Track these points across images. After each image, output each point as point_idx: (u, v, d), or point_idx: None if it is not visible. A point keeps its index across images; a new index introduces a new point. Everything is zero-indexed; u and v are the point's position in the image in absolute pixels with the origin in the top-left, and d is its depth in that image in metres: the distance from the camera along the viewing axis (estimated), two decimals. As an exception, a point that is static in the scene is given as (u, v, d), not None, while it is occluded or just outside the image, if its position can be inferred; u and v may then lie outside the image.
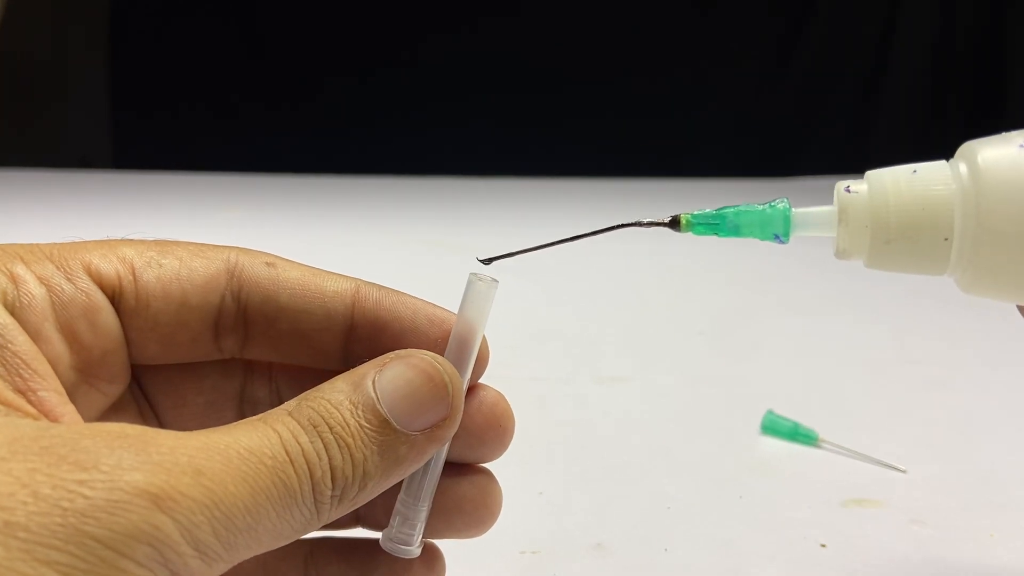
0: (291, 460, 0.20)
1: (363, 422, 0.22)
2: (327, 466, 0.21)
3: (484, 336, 0.26)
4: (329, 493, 0.21)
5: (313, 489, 0.21)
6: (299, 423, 0.21)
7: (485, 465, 0.27)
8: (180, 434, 0.20)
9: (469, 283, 0.25)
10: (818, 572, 0.36)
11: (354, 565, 0.27)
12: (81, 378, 0.24)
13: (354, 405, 0.22)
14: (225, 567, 0.19)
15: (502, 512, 0.39)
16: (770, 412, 0.48)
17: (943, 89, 1.76)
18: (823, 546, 0.37)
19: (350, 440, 0.22)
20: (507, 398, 0.27)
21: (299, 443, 0.21)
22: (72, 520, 0.17)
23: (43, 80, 1.77)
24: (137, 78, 1.82)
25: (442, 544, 0.28)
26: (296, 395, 0.28)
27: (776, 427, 0.48)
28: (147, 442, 0.19)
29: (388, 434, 0.22)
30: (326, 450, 0.21)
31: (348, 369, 0.27)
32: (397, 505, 0.25)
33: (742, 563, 0.36)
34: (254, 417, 0.21)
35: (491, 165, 1.47)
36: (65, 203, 1.18)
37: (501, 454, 0.27)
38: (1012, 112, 1.65)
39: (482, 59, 1.72)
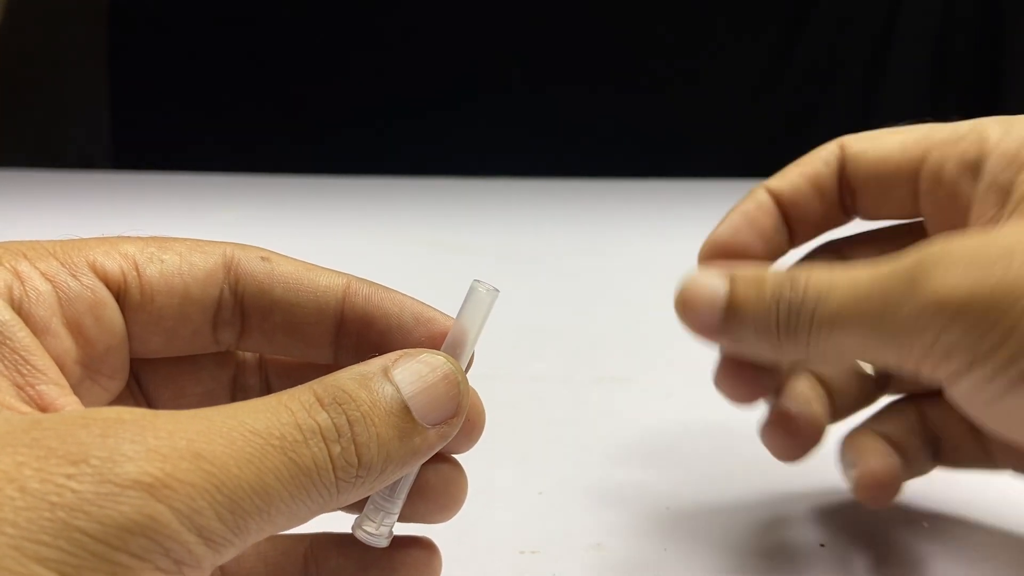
0: (305, 438, 0.20)
1: (386, 405, 0.22)
2: (349, 442, 0.21)
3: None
4: (354, 472, 0.21)
5: (334, 466, 0.21)
6: (320, 401, 0.21)
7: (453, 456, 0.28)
8: (181, 416, 0.19)
9: (471, 289, 0.26)
10: (818, 572, 0.36)
11: (352, 559, 0.27)
12: (85, 373, 0.24)
13: (376, 391, 0.22)
14: (237, 551, 0.19)
15: (502, 512, 0.39)
16: (770, 412, 0.48)
17: (942, 89, 1.76)
18: (822, 546, 0.37)
19: (377, 419, 0.22)
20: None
21: (316, 421, 0.21)
22: (61, 514, 0.17)
23: (43, 80, 1.77)
24: (137, 78, 1.82)
25: (441, 543, 0.28)
26: (284, 381, 0.28)
27: (776, 427, 0.48)
28: (144, 427, 0.19)
29: (408, 422, 0.22)
30: (351, 427, 0.21)
31: (338, 362, 0.27)
32: (373, 495, 0.25)
33: (742, 563, 0.36)
34: (270, 395, 0.21)
35: (491, 165, 1.47)
36: (65, 203, 1.18)
37: (469, 448, 0.27)
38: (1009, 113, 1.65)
39: (481, 59, 1.72)
